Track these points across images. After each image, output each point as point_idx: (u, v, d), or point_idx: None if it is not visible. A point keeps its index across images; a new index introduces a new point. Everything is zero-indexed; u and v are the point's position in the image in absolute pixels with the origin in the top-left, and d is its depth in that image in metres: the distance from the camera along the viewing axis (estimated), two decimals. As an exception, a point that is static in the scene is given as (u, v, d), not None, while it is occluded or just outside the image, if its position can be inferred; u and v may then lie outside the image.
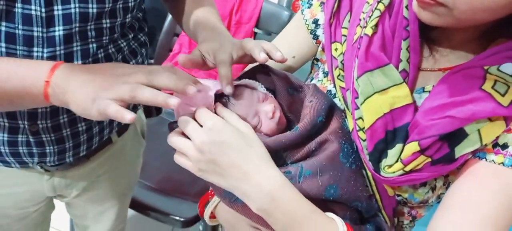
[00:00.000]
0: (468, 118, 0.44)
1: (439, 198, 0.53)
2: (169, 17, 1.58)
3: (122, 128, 0.90)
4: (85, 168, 0.85)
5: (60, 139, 0.72)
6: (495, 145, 0.47)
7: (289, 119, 0.57)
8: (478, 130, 0.45)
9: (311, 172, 0.48)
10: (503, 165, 0.45)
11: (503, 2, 0.38)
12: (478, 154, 0.47)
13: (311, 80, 0.64)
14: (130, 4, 0.70)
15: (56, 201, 0.95)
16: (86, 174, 0.87)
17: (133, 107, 0.92)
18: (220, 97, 0.53)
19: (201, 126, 0.48)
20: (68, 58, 0.65)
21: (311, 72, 0.67)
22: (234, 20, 1.52)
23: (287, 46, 0.63)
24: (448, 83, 0.47)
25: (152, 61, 1.62)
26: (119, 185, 0.99)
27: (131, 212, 1.39)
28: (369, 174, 0.53)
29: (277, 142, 0.49)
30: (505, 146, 0.46)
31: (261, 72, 0.57)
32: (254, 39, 1.53)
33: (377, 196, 0.54)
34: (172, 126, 0.54)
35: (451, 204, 0.47)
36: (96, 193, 0.93)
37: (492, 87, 0.44)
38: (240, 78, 0.57)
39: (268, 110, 0.53)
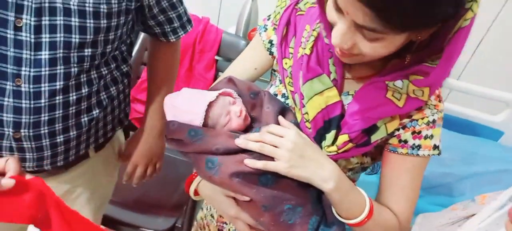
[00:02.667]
0: (378, 117, 0.64)
1: (361, 164, 0.73)
2: (136, 48, 1.67)
3: (99, 145, 0.97)
4: (61, 178, 0.92)
5: (40, 147, 0.80)
6: (400, 141, 0.67)
7: (252, 117, 0.72)
8: (384, 124, 0.65)
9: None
10: (407, 154, 0.67)
11: (398, 46, 0.57)
12: (392, 148, 0.68)
13: (270, 87, 0.82)
14: (110, 37, 0.80)
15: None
16: (62, 184, 0.94)
17: (111, 129, 0.99)
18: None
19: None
20: (53, 78, 0.75)
21: (270, 79, 0.85)
22: (197, 48, 1.63)
23: (251, 60, 0.82)
24: (364, 93, 0.66)
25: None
26: (92, 200, 1.04)
27: (109, 228, 1.45)
28: None
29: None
30: (406, 141, 0.67)
31: (230, 82, 0.74)
32: (216, 65, 1.68)
33: None
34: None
35: (386, 184, 0.70)
36: (70, 205, 0.99)
37: (392, 95, 0.63)
38: (214, 88, 0.73)
39: (236, 110, 0.69)
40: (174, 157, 1.67)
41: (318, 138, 0.68)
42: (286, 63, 0.74)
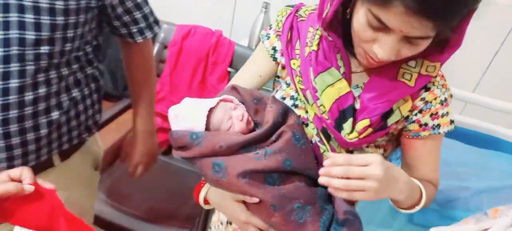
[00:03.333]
0: (396, 99, 0.67)
1: None
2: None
3: (64, 152, 0.92)
4: None
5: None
6: (421, 125, 0.73)
7: (255, 121, 0.74)
8: (398, 107, 0.69)
9: (272, 151, 0.65)
10: (430, 135, 0.73)
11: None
12: (414, 134, 0.74)
13: (276, 92, 0.83)
14: (69, 35, 0.77)
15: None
16: None
17: (78, 136, 0.95)
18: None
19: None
20: (6, 76, 0.72)
21: (273, 88, 0.86)
22: (210, 61, 1.65)
23: (255, 68, 0.84)
24: (377, 80, 0.69)
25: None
26: None
27: None
28: (327, 147, 0.73)
29: (250, 137, 0.67)
30: (426, 124, 0.73)
31: (233, 90, 0.75)
32: (228, 77, 1.69)
33: None
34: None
35: (413, 165, 0.77)
36: None
37: (403, 76, 0.68)
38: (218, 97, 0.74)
39: (238, 114, 0.70)
40: (186, 167, 1.68)
41: (337, 128, 0.71)
42: (294, 64, 0.76)
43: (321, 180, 0.61)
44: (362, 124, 0.68)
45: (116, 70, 1.81)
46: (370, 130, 0.69)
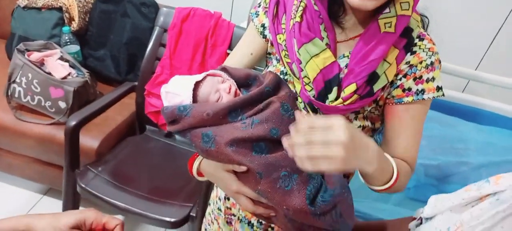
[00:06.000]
0: (381, 55, 0.67)
1: (363, 129, 0.76)
2: (151, 45, 1.72)
3: None
4: None
5: None
6: (404, 90, 0.71)
7: None
8: (384, 72, 0.68)
9: (259, 121, 0.66)
10: (413, 101, 0.71)
11: None
12: (397, 100, 0.72)
13: (267, 68, 0.85)
14: None
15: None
16: None
17: None
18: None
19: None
20: None
21: (266, 65, 0.88)
22: (210, 43, 1.65)
23: (246, 46, 0.85)
24: (362, 43, 0.69)
25: (136, 83, 1.76)
26: None
27: (128, 217, 1.49)
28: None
29: (236, 101, 0.68)
30: (410, 89, 0.71)
31: (223, 70, 0.76)
32: (228, 59, 1.70)
33: None
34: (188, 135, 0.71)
35: (394, 134, 0.74)
36: None
37: (385, 27, 0.67)
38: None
39: (225, 87, 0.72)
40: (187, 149, 1.71)
41: (321, 99, 0.71)
42: (280, 38, 0.77)
43: (285, 147, 0.56)
44: (348, 89, 0.68)
45: (119, 55, 1.82)
46: (356, 96, 0.68)
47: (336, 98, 0.70)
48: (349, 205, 0.71)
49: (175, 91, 0.72)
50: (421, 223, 0.86)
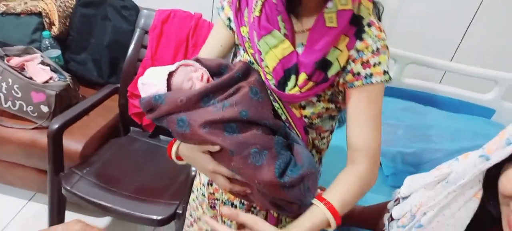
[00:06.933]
0: (324, 46, 0.71)
1: (327, 111, 0.80)
2: (132, 46, 1.74)
3: None
4: None
5: None
6: (354, 75, 0.74)
7: None
8: (336, 58, 0.72)
9: (229, 104, 0.71)
10: (363, 84, 0.73)
11: None
12: (350, 84, 0.74)
13: (236, 58, 0.89)
14: None
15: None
16: None
17: None
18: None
19: None
20: None
21: (235, 55, 0.92)
22: (191, 43, 1.68)
23: (215, 39, 0.89)
24: (311, 35, 0.73)
25: (118, 85, 1.77)
26: None
27: (115, 217, 1.49)
28: (280, 104, 0.78)
29: (207, 87, 0.72)
30: (359, 73, 0.73)
31: (196, 61, 0.80)
32: (210, 58, 1.72)
33: (289, 119, 0.79)
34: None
35: (352, 119, 0.76)
36: None
37: (329, 22, 0.71)
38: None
39: (198, 75, 0.76)
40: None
41: (281, 88, 0.75)
42: (243, 31, 0.81)
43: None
44: (301, 77, 0.73)
45: (100, 58, 1.83)
46: (311, 83, 0.73)
47: (294, 86, 0.74)
48: (315, 179, 0.75)
49: (151, 82, 0.75)
50: (399, 203, 0.91)
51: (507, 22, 1.76)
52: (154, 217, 1.35)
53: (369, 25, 0.73)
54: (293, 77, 0.74)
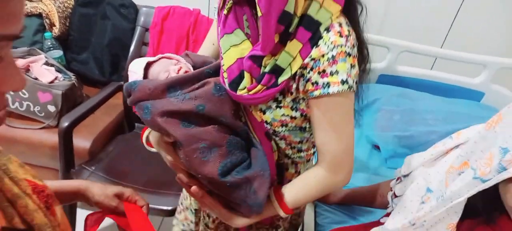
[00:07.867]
0: (261, 48, 0.68)
1: (292, 120, 0.77)
2: (134, 44, 1.77)
3: None
4: None
5: None
6: (313, 84, 0.69)
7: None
8: (289, 64, 0.69)
9: (189, 97, 0.73)
10: (321, 95, 0.69)
11: None
12: (310, 93, 0.70)
13: None
14: None
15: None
16: None
17: None
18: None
19: None
20: None
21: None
22: (191, 39, 1.73)
23: (209, 38, 0.94)
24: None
25: (121, 83, 1.81)
26: None
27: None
28: (241, 105, 0.78)
29: (173, 78, 0.75)
30: (317, 83, 0.69)
31: (185, 56, 0.84)
32: (210, 53, 1.77)
33: (249, 122, 0.79)
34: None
35: (314, 128, 0.75)
36: None
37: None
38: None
39: (175, 68, 0.79)
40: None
41: (234, 86, 0.74)
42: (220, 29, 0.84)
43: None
44: (247, 77, 0.72)
45: (101, 57, 1.86)
46: (260, 86, 0.71)
47: (245, 88, 0.73)
48: (264, 182, 0.76)
49: (133, 70, 0.81)
50: (401, 181, 0.98)
51: (493, 8, 1.83)
52: (165, 207, 1.39)
53: (328, 30, 0.67)
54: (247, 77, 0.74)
